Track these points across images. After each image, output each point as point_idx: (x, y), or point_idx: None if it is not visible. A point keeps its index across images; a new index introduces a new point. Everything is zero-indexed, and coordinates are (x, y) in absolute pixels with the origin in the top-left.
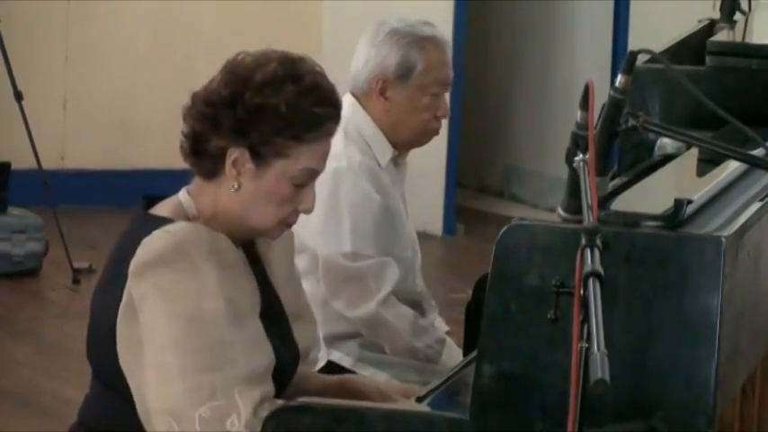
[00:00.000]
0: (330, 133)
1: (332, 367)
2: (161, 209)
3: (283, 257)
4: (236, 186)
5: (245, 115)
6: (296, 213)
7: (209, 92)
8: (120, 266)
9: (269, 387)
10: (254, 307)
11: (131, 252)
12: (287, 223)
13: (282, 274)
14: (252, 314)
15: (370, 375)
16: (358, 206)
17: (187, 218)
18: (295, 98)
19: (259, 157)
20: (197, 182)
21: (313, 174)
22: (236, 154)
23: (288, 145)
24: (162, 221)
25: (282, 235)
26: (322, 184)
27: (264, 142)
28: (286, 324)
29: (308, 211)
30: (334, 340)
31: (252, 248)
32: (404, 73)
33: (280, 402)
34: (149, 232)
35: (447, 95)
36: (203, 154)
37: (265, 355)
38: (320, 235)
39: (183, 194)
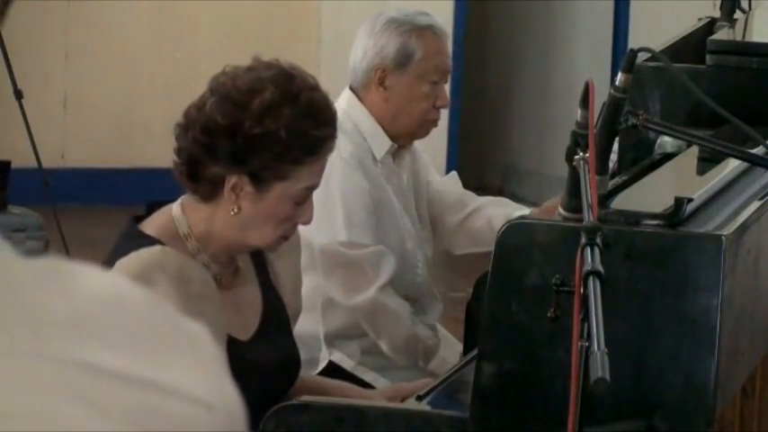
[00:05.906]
0: (330, 150)
1: (332, 368)
2: (151, 224)
3: (290, 264)
4: (235, 210)
5: (245, 144)
6: (294, 226)
7: (205, 118)
8: None
9: None
10: (217, 340)
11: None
12: (286, 237)
13: (288, 281)
14: None
15: (371, 380)
16: (350, 195)
17: (176, 235)
18: (293, 122)
19: (259, 181)
20: (193, 199)
21: (312, 189)
22: (234, 179)
23: (289, 168)
24: (142, 242)
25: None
26: None
27: (265, 168)
28: (287, 328)
29: (307, 223)
30: (335, 339)
31: (260, 254)
32: (402, 61)
33: None
34: (127, 254)
35: (446, 86)
36: (199, 178)
37: None
38: (315, 225)
39: (176, 208)
